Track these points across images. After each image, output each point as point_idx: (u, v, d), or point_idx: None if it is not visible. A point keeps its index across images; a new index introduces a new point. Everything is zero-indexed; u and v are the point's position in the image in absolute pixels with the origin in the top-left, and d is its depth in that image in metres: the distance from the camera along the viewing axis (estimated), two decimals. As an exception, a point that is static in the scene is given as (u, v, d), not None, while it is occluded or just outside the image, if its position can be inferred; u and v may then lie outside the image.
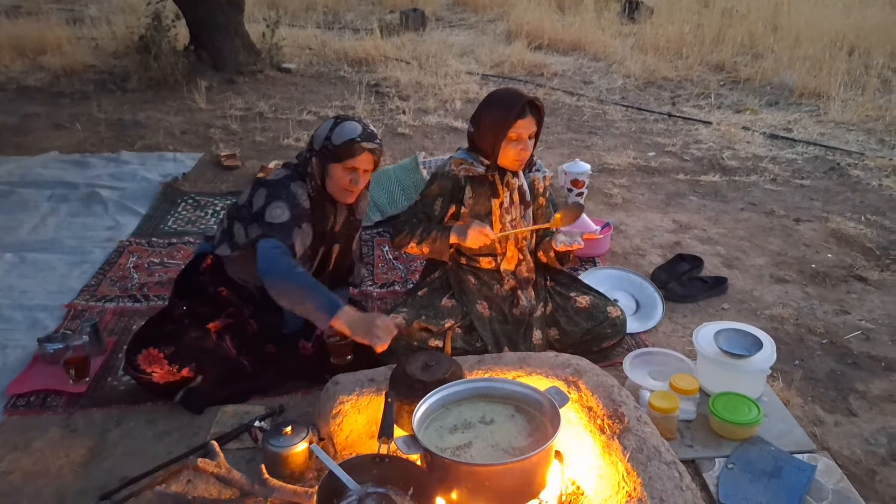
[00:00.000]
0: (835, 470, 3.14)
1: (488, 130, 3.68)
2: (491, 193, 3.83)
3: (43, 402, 3.66)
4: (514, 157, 3.70)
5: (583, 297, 4.01)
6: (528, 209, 3.91)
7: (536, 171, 3.96)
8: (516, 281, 3.97)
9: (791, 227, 5.78)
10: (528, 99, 3.60)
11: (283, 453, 2.94)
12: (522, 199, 3.87)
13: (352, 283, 4.06)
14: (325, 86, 10.15)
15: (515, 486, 2.52)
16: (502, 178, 3.82)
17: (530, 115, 3.61)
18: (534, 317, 3.95)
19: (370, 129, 3.51)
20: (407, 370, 2.98)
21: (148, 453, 3.26)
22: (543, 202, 4.01)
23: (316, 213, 3.62)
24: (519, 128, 3.60)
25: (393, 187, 5.65)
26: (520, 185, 3.86)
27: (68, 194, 6.22)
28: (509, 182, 3.83)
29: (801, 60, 10.29)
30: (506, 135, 3.62)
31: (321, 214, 3.65)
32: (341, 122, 3.52)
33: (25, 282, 4.78)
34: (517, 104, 3.59)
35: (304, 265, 3.56)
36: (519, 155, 3.69)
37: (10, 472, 3.17)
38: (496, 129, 3.64)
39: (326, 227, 3.69)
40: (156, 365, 3.49)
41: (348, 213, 3.77)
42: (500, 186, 3.82)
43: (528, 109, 3.60)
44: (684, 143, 7.82)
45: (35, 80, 10.01)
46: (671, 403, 3.26)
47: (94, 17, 13.28)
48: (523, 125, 3.61)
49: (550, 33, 12.53)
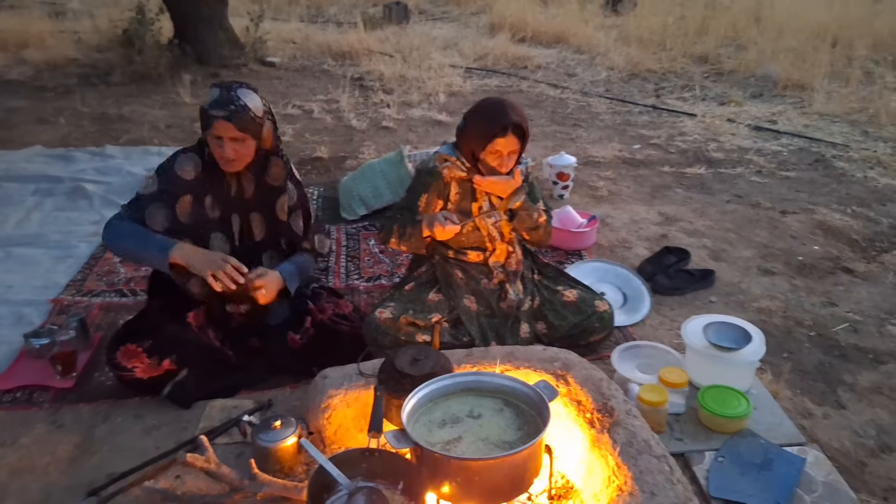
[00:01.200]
0: (824, 462, 3.14)
1: (471, 138, 3.71)
2: (472, 196, 3.86)
3: (29, 397, 3.64)
4: (490, 168, 3.70)
5: (570, 291, 4.00)
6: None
7: (518, 163, 3.89)
8: (505, 274, 3.96)
9: (777, 218, 5.79)
10: (513, 122, 3.60)
11: (272, 448, 2.93)
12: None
13: (317, 253, 3.97)
14: (309, 79, 10.15)
15: (506, 480, 2.51)
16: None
17: (512, 136, 3.61)
18: (521, 310, 3.95)
19: (231, 94, 3.39)
20: (395, 364, 2.97)
21: (136, 449, 3.24)
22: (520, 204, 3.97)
23: (210, 182, 3.59)
24: (498, 145, 3.61)
25: (378, 181, 5.63)
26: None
27: (53, 188, 6.19)
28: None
29: (785, 52, 10.35)
30: (485, 148, 3.64)
31: (217, 183, 3.60)
32: (213, 88, 3.48)
33: (10, 276, 4.75)
34: (500, 123, 3.59)
35: (221, 236, 3.63)
36: (497, 168, 3.70)
37: (-4, 469, 3.15)
38: (478, 140, 3.66)
39: (227, 195, 3.63)
40: (135, 359, 3.48)
41: (256, 179, 3.66)
42: (479, 191, 3.84)
43: (510, 130, 3.60)
44: (669, 136, 7.83)
45: (17, 73, 9.99)
46: (660, 396, 3.25)
47: (76, 10, 13.26)
48: (503, 143, 3.61)
49: (534, 26, 12.56)
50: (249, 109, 3.35)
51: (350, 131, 7.96)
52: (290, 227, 3.76)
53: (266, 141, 3.54)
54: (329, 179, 6.52)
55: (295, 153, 7.18)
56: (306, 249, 3.86)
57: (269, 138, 3.55)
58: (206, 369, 3.64)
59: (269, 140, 3.56)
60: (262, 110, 3.45)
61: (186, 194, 3.56)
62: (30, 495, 3.00)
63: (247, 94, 3.40)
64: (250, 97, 3.40)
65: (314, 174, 6.71)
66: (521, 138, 3.66)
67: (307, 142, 7.54)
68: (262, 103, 3.46)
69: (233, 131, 3.35)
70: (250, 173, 3.61)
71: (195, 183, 3.57)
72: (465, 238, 3.90)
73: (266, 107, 3.50)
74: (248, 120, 3.35)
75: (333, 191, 6.14)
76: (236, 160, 3.46)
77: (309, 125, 8.15)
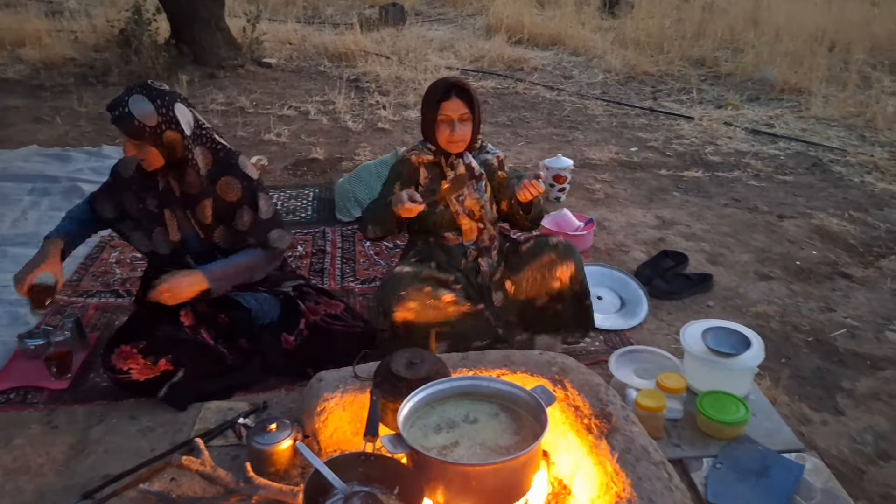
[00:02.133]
0: (823, 469, 3.13)
1: (423, 116, 3.89)
2: (441, 175, 3.95)
3: (24, 398, 3.63)
4: (447, 138, 3.82)
5: (528, 241, 4.06)
6: (480, 182, 3.98)
7: (487, 154, 4.07)
8: (478, 251, 3.99)
9: (775, 223, 5.79)
10: (451, 82, 3.82)
11: (268, 450, 2.92)
12: (471, 174, 3.94)
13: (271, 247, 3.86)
14: (306, 80, 10.16)
15: (503, 485, 2.50)
16: (447, 160, 3.94)
17: (456, 98, 3.76)
18: (493, 280, 3.97)
19: (123, 98, 3.35)
20: (391, 368, 2.96)
21: (131, 450, 3.24)
22: (504, 176, 4.08)
23: (144, 180, 3.65)
24: (446, 109, 3.77)
25: (374, 182, 5.61)
26: (467, 163, 3.94)
27: (49, 188, 6.19)
28: (453, 163, 3.94)
29: (782, 56, 10.37)
30: (435, 118, 3.80)
31: (146, 182, 3.65)
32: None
33: (6, 276, 4.69)
34: (441, 88, 3.79)
35: (161, 230, 3.71)
36: (452, 137, 3.80)
37: (-9, 470, 3.14)
38: (427, 113, 3.86)
39: (159, 192, 3.64)
40: (130, 360, 3.48)
41: (178, 181, 3.63)
42: (445, 167, 3.95)
43: (452, 92, 3.77)
44: (666, 139, 7.84)
45: (14, 72, 10.00)
46: (658, 402, 3.25)
47: (73, 9, 13.23)
48: (449, 107, 3.76)
49: (530, 28, 12.56)
50: (134, 117, 3.30)
51: (346, 133, 7.96)
52: (219, 227, 3.73)
53: (174, 149, 3.48)
54: (325, 181, 6.51)
55: (291, 154, 7.20)
56: (252, 245, 3.80)
57: (177, 147, 3.49)
58: (201, 369, 3.64)
59: (179, 149, 3.49)
60: (156, 119, 3.36)
61: (127, 191, 3.70)
62: (24, 496, 2.99)
63: (138, 101, 3.34)
64: (139, 105, 3.33)
65: (310, 175, 6.71)
66: (468, 101, 3.79)
67: (303, 143, 7.54)
68: (155, 112, 3.36)
69: (128, 133, 3.36)
70: (171, 176, 3.60)
71: (132, 181, 3.68)
72: (440, 219, 3.95)
73: (166, 116, 3.41)
74: (134, 127, 3.32)
75: (329, 192, 6.14)
76: (143, 161, 3.49)
77: (305, 126, 8.14)
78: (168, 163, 3.51)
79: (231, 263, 3.72)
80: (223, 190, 3.64)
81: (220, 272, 3.66)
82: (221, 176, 3.64)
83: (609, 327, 4.27)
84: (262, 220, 3.76)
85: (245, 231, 3.73)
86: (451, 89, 3.76)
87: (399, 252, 4.82)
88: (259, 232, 3.77)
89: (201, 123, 3.61)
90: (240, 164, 3.71)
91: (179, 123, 3.43)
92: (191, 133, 3.51)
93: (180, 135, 3.44)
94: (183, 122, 3.45)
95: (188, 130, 3.49)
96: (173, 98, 3.45)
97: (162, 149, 3.43)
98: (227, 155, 3.70)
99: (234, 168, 3.67)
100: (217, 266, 3.67)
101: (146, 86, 3.42)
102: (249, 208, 3.70)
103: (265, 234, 3.79)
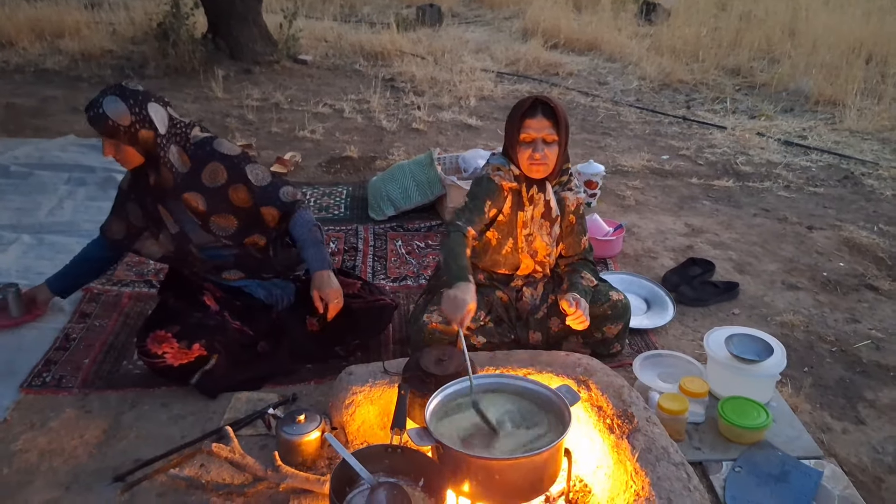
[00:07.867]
0: (841, 476, 3.16)
1: (506, 133, 3.67)
2: (520, 204, 3.77)
3: (59, 381, 3.71)
4: (527, 160, 3.59)
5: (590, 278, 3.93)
6: (555, 225, 3.82)
7: (569, 191, 3.83)
8: (524, 281, 3.98)
9: (804, 234, 5.79)
10: (539, 99, 3.56)
11: (296, 441, 2.98)
12: (547, 215, 3.78)
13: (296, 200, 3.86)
14: (341, 78, 10.18)
15: (525, 480, 2.55)
16: (528, 189, 3.74)
17: (541, 115, 3.52)
18: (533, 317, 3.93)
19: (98, 99, 3.42)
20: (420, 364, 3.01)
21: (162, 436, 3.30)
22: (574, 220, 3.88)
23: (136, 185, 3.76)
24: (528, 127, 3.53)
25: (407, 182, 5.66)
26: (547, 199, 3.76)
27: (86, 178, 6.26)
28: (534, 196, 3.74)
29: (818, 67, 10.27)
30: (518, 136, 3.57)
31: (139, 184, 3.74)
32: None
33: (42, 263, 4.81)
34: (525, 102, 3.57)
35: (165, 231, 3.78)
36: (532, 158, 3.57)
37: (27, 451, 3.21)
38: (510, 131, 3.63)
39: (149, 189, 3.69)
40: (165, 344, 3.54)
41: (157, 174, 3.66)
42: (525, 199, 3.75)
43: (538, 109, 3.53)
44: (698, 147, 7.82)
45: (53, 63, 10.06)
46: (680, 405, 3.28)
47: (112, 2, 13.28)
48: (533, 125, 3.52)
49: (566, 32, 12.49)
50: (108, 117, 3.36)
51: (380, 132, 7.98)
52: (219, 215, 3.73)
53: (149, 147, 3.54)
54: (358, 179, 6.56)
55: (325, 152, 7.24)
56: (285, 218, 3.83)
57: (151, 146, 3.53)
58: (234, 355, 3.72)
59: (153, 147, 3.54)
60: (130, 118, 3.41)
61: (128, 201, 3.81)
62: (58, 477, 3.07)
63: (111, 101, 3.39)
64: (112, 105, 3.38)
65: (343, 173, 6.75)
66: (553, 120, 3.54)
67: (337, 140, 7.58)
68: (129, 111, 3.40)
69: (102, 133, 3.43)
70: (153, 171, 3.64)
71: (130, 190, 3.80)
72: (503, 259, 3.89)
73: (140, 115, 3.44)
74: (109, 126, 3.38)
75: (362, 190, 6.19)
76: (121, 160, 3.55)
77: (340, 124, 8.18)
78: (148, 160, 3.58)
79: (310, 241, 3.78)
80: (211, 178, 3.67)
81: (318, 252, 3.75)
82: (204, 166, 3.66)
83: (634, 326, 4.24)
84: (263, 188, 3.76)
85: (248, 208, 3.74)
86: (537, 105, 3.54)
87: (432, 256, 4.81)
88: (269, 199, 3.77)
89: (176, 121, 3.63)
90: (216, 147, 3.70)
91: (153, 122, 3.48)
92: (165, 131, 3.55)
93: (154, 132, 3.49)
94: (157, 121, 3.50)
95: (162, 129, 3.53)
96: (147, 97, 3.50)
97: (139, 147, 3.50)
98: (203, 144, 3.70)
99: (213, 154, 3.68)
100: (311, 253, 3.75)
101: (120, 87, 3.48)
102: (241, 184, 3.70)
103: (279, 200, 3.79)
